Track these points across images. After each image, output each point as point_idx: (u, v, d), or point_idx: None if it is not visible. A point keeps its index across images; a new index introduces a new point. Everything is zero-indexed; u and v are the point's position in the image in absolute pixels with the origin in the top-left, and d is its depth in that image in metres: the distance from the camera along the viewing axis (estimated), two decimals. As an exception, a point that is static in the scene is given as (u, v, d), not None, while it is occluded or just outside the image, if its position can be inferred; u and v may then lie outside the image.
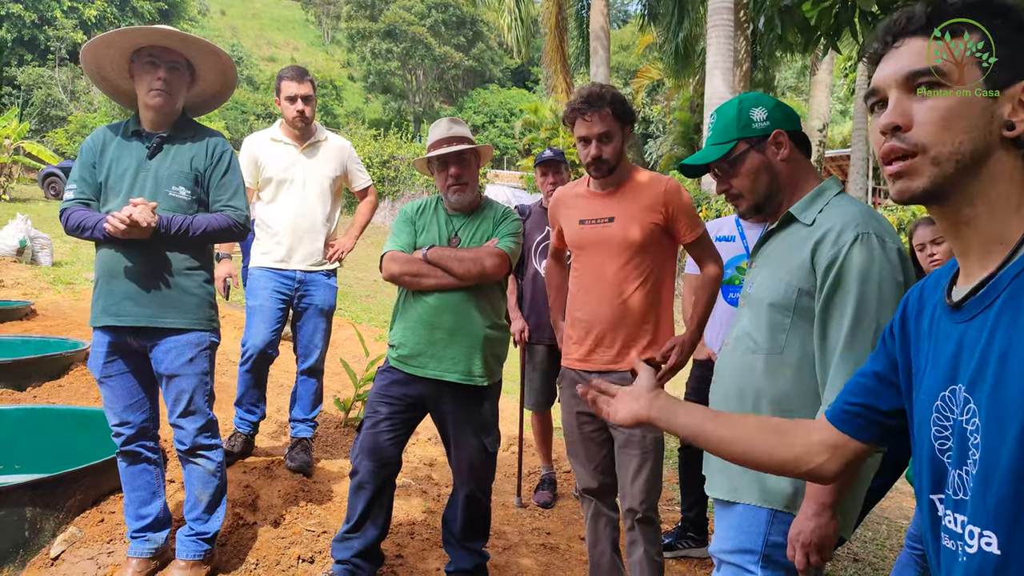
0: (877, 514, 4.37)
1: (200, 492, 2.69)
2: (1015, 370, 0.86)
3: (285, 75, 3.62)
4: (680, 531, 3.52)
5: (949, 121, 0.94)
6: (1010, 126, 0.93)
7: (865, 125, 19.30)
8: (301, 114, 3.57)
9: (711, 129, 1.83)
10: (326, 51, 57.07)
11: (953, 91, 0.95)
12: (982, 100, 0.93)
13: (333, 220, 3.77)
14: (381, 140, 21.31)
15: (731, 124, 1.76)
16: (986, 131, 0.93)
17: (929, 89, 0.96)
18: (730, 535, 1.69)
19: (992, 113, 0.93)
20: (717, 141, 1.78)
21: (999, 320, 0.90)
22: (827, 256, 1.59)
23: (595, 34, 17.16)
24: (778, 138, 1.74)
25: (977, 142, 0.93)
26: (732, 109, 1.78)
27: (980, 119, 0.93)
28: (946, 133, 0.94)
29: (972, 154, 0.94)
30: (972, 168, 0.94)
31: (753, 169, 1.75)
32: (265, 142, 3.66)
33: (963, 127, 0.94)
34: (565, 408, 2.75)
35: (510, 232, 2.74)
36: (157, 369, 2.62)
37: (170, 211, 2.55)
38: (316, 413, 3.75)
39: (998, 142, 0.93)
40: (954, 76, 0.95)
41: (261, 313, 3.53)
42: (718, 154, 1.76)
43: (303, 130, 3.66)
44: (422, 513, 3.51)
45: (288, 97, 3.57)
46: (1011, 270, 0.91)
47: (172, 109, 2.62)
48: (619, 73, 34.75)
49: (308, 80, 3.62)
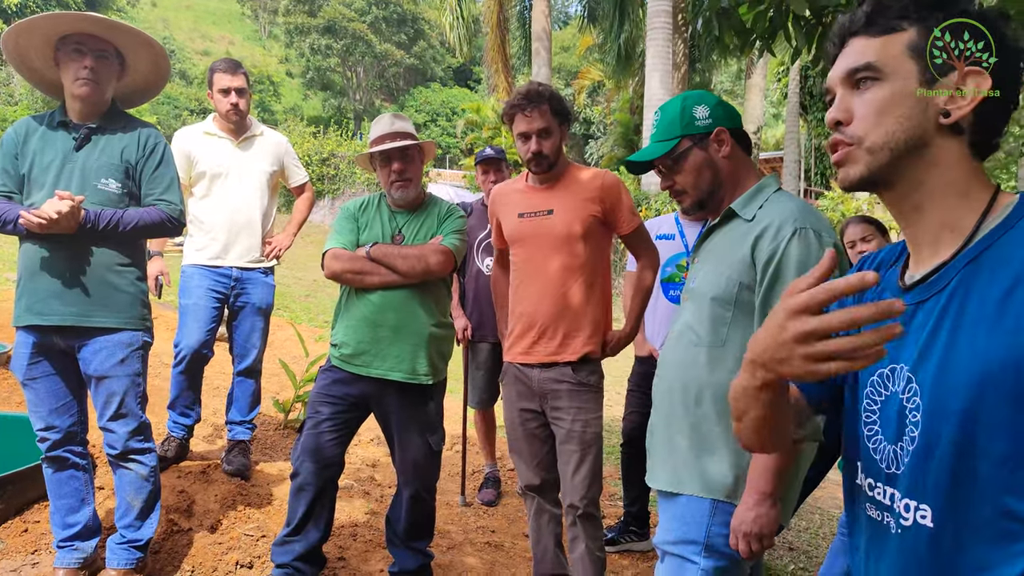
0: (810, 504, 4.52)
1: (132, 498, 2.60)
2: (961, 354, 0.90)
3: (218, 67, 3.53)
4: (622, 525, 3.56)
5: (882, 112, 0.98)
6: (946, 114, 0.96)
7: (797, 128, 19.94)
8: (235, 107, 3.49)
9: (655, 126, 1.85)
10: (263, 46, 55.81)
11: (886, 83, 0.98)
12: (915, 90, 0.97)
13: (270, 216, 3.69)
14: (321, 138, 20.95)
15: (675, 122, 1.79)
16: (921, 119, 0.97)
17: (865, 83, 1.00)
18: (673, 526, 1.72)
19: (927, 102, 0.96)
20: (661, 138, 1.81)
21: (948, 306, 0.94)
22: (767, 251, 1.63)
23: (536, 34, 17.26)
24: (720, 135, 1.78)
25: (911, 131, 0.97)
26: (676, 107, 1.81)
27: (914, 109, 0.97)
28: (880, 123, 0.98)
29: (907, 142, 0.97)
30: (911, 155, 0.98)
31: (696, 166, 1.79)
32: (198, 136, 3.55)
33: (896, 117, 0.97)
34: (508, 404, 2.75)
35: (455, 229, 2.72)
36: (86, 370, 2.52)
37: (99, 205, 2.45)
38: (254, 415, 3.67)
39: (936, 130, 0.96)
40: (887, 69, 0.98)
41: (195, 312, 3.43)
42: (662, 151, 1.79)
43: (238, 124, 3.57)
44: (364, 514, 3.47)
45: (221, 90, 3.48)
46: (962, 258, 0.94)
47: (100, 99, 2.51)
48: (560, 74, 35.03)
49: (242, 72, 3.55)
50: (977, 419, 0.87)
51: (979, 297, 0.90)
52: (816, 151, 21.66)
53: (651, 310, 3.41)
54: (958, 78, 0.95)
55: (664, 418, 1.79)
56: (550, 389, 2.59)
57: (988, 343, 0.87)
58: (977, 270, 0.92)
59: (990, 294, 0.89)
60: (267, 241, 3.64)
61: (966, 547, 0.89)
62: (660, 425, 1.81)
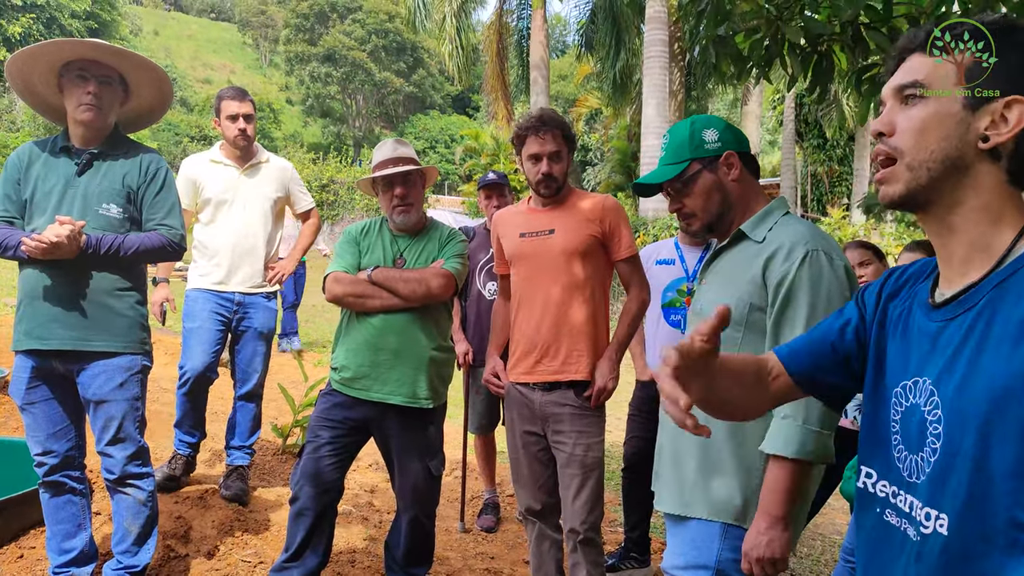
0: (812, 530, 4.48)
1: (129, 523, 2.57)
2: (982, 371, 0.93)
3: (226, 95, 3.59)
4: (623, 551, 3.53)
5: (923, 130, 1.01)
6: (985, 139, 0.98)
7: (793, 155, 20.09)
8: (243, 132, 3.53)
9: (664, 149, 1.86)
10: (263, 74, 56.38)
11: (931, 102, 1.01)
12: (959, 112, 0.99)
13: (274, 242, 3.72)
14: (320, 164, 21.09)
15: (684, 145, 1.80)
16: (960, 141, 0.99)
17: (912, 99, 1.03)
18: (682, 550, 1.71)
19: (968, 125, 0.99)
20: (670, 161, 1.82)
21: (975, 325, 0.97)
22: (778, 272, 1.64)
23: (535, 63, 17.44)
24: (729, 159, 1.79)
25: (949, 151, 1.00)
26: (685, 130, 1.82)
27: (955, 130, 0.99)
28: (920, 140, 1.01)
29: (943, 162, 1.00)
30: (948, 177, 1.00)
31: (705, 189, 1.79)
32: (204, 164, 3.59)
33: (936, 136, 1.00)
34: (510, 427, 2.74)
35: (456, 253, 2.74)
36: (84, 395, 2.51)
37: (100, 229, 2.46)
38: (254, 440, 3.66)
39: (975, 154, 0.99)
40: (934, 87, 1.01)
41: (199, 335, 3.44)
42: (672, 173, 1.80)
43: (244, 150, 3.61)
44: (363, 540, 3.43)
45: (230, 116, 3.53)
46: (993, 279, 0.97)
47: (103, 124, 2.54)
48: (558, 102, 35.36)
49: (249, 100, 3.60)
50: (992, 433, 0.90)
51: (1004, 318, 0.93)
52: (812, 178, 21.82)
53: (652, 335, 3.41)
54: (1002, 106, 0.97)
55: (672, 441, 1.78)
56: (552, 412, 2.58)
57: (1009, 361, 0.90)
58: (1005, 292, 0.95)
59: (1014, 315, 0.92)
60: (270, 266, 3.66)
61: (978, 556, 0.92)
62: (668, 448, 1.80)
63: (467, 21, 18.75)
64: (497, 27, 19.24)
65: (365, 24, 43.76)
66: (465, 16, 18.45)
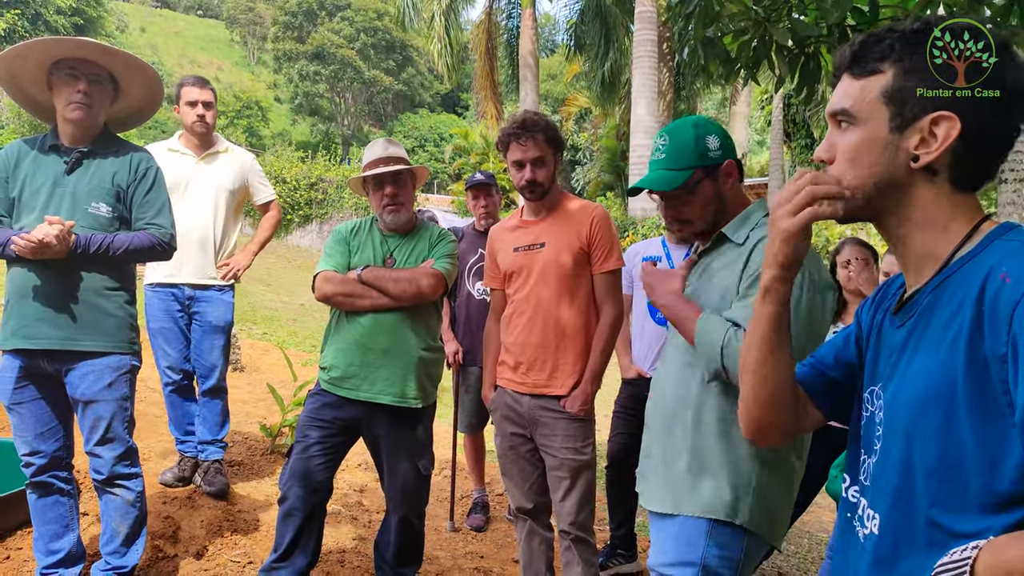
0: (799, 528, 4.52)
1: (118, 524, 2.57)
2: (912, 374, 0.95)
3: (186, 82, 3.57)
4: (610, 549, 3.55)
5: (855, 159, 1.02)
6: (915, 159, 0.98)
7: (781, 155, 20.20)
8: (201, 119, 3.49)
9: (664, 151, 1.80)
10: (252, 72, 56.09)
11: (859, 128, 1.01)
12: (885, 136, 0.99)
13: (230, 235, 3.64)
14: (309, 163, 21.00)
15: (688, 152, 1.76)
16: (891, 165, 0.99)
17: (844, 125, 1.04)
18: (668, 547, 1.72)
19: (897, 147, 0.99)
20: (674, 167, 1.77)
21: (914, 330, 0.99)
22: (757, 263, 1.66)
23: (524, 62, 17.46)
24: (729, 168, 1.79)
25: (881, 176, 1.00)
26: (688, 134, 1.78)
27: (883, 155, 1.00)
28: (852, 168, 1.02)
29: (877, 186, 1.01)
30: (886, 197, 1.01)
31: (706, 198, 1.78)
32: (162, 152, 3.51)
33: (867, 162, 1.01)
34: (498, 429, 2.75)
35: (446, 253, 2.74)
36: (73, 394, 2.50)
37: (90, 228, 2.45)
38: (224, 433, 3.63)
39: (909, 174, 0.99)
40: (861, 115, 1.01)
41: (164, 335, 3.45)
42: (678, 182, 1.75)
43: (203, 138, 3.57)
44: (352, 540, 3.43)
45: (189, 102, 3.50)
46: (931, 284, 0.99)
47: (93, 123, 2.52)
48: (548, 101, 35.37)
49: (209, 88, 3.57)
50: (915, 434, 0.93)
51: (935, 322, 0.94)
52: (800, 177, 21.92)
53: (638, 333, 3.43)
54: (929, 122, 0.96)
55: (660, 440, 1.80)
56: (540, 418, 2.59)
57: (932, 363, 0.92)
58: (939, 296, 0.96)
59: (942, 319, 0.93)
60: (225, 262, 3.58)
61: (903, 556, 0.94)
62: (657, 447, 1.81)
63: (456, 19, 18.75)
64: (486, 26, 19.24)
65: (354, 22, 43.62)
66: (454, 14, 18.45)
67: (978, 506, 0.86)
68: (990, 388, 0.84)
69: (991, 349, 0.84)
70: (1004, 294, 0.84)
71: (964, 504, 0.87)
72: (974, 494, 0.86)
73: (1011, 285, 0.84)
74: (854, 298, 3.32)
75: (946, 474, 0.89)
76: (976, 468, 0.86)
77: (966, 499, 0.87)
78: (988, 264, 0.90)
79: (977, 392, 0.85)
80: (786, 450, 1.68)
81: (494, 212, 3.86)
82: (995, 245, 0.93)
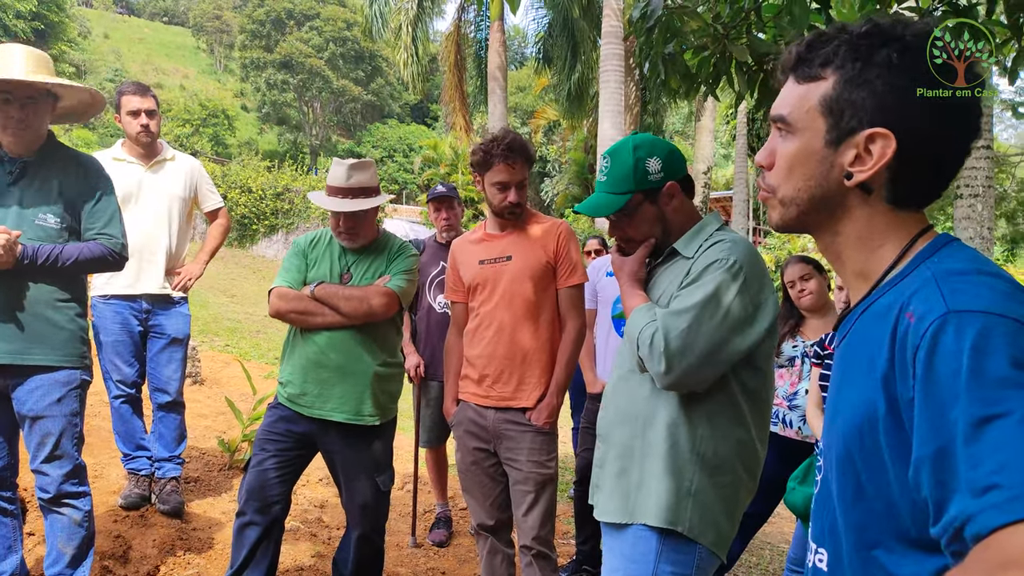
0: (760, 540, 4.55)
1: (64, 544, 2.48)
2: (842, 406, 0.91)
3: (126, 90, 3.47)
4: (575, 565, 3.54)
5: (790, 168, 0.98)
6: (848, 175, 0.93)
7: (746, 169, 20.52)
8: (146, 128, 3.41)
9: (605, 173, 1.83)
10: (218, 79, 55.42)
11: (796, 138, 0.97)
12: (820, 150, 0.94)
13: (183, 243, 3.58)
14: (276, 172, 20.76)
15: (627, 176, 1.78)
16: (824, 179, 0.95)
17: (783, 132, 1.00)
18: (617, 564, 1.71)
19: (832, 162, 0.94)
20: (613, 190, 1.80)
21: (843, 356, 0.96)
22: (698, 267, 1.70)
23: (493, 74, 17.51)
24: (671, 190, 1.81)
25: (815, 190, 0.96)
26: (628, 159, 1.79)
27: (818, 168, 0.95)
28: (787, 178, 0.99)
29: (811, 200, 0.97)
30: (819, 211, 0.97)
31: (647, 219, 1.81)
32: (107, 161, 3.35)
33: (801, 174, 0.97)
34: (460, 444, 2.73)
35: (403, 269, 2.69)
36: (19, 410, 2.42)
37: (37, 240, 2.38)
38: (182, 449, 3.56)
39: (843, 190, 0.94)
40: (799, 124, 0.97)
41: (116, 348, 3.35)
42: (616, 206, 1.79)
43: (148, 147, 3.49)
44: (311, 557, 3.37)
45: (131, 112, 3.41)
46: (859, 307, 0.95)
47: (35, 136, 2.44)
48: (517, 113, 35.53)
49: (151, 95, 3.48)
50: (842, 465, 0.89)
51: (862, 352, 0.89)
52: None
53: (603, 345, 3.44)
54: (864, 138, 0.91)
55: (612, 449, 1.79)
56: (504, 431, 2.58)
57: (857, 398, 0.87)
58: (868, 321, 0.91)
59: (867, 349, 0.87)
60: (175, 271, 3.52)
61: None
62: (609, 457, 1.81)
63: (424, 30, 18.77)
64: (455, 38, 19.29)
65: (323, 32, 43.38)
66: (422, 25, 18.46)
67: (916, 547, 0.82)
68: (904, 431, 0.79)
69: (901, 393, 0.80)
70: (909, 335, 0.80)
71: (902, 545, 0.83)
72: (910, 535, 0.82)
73: (914, 325, 0.80)
74: (810, 315, 3.37)
75: (882, 512, 0.84)
76: (906, 508, 0.81)
77: (903, 539, 0.83)
78: (909, 291, 0.85)
79: (894, 433, 0.81)
80: (731, 458, 1.68)
81: (456, 224, 3.85)
82: (919, 270, 0.88)
